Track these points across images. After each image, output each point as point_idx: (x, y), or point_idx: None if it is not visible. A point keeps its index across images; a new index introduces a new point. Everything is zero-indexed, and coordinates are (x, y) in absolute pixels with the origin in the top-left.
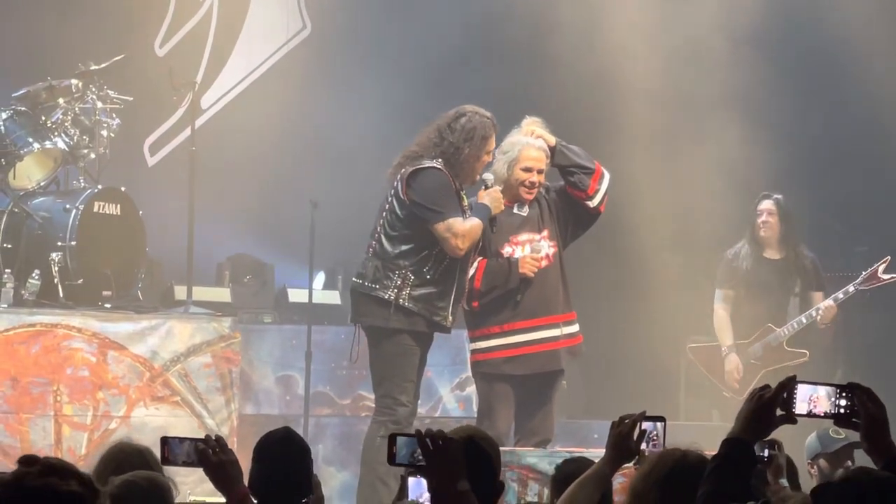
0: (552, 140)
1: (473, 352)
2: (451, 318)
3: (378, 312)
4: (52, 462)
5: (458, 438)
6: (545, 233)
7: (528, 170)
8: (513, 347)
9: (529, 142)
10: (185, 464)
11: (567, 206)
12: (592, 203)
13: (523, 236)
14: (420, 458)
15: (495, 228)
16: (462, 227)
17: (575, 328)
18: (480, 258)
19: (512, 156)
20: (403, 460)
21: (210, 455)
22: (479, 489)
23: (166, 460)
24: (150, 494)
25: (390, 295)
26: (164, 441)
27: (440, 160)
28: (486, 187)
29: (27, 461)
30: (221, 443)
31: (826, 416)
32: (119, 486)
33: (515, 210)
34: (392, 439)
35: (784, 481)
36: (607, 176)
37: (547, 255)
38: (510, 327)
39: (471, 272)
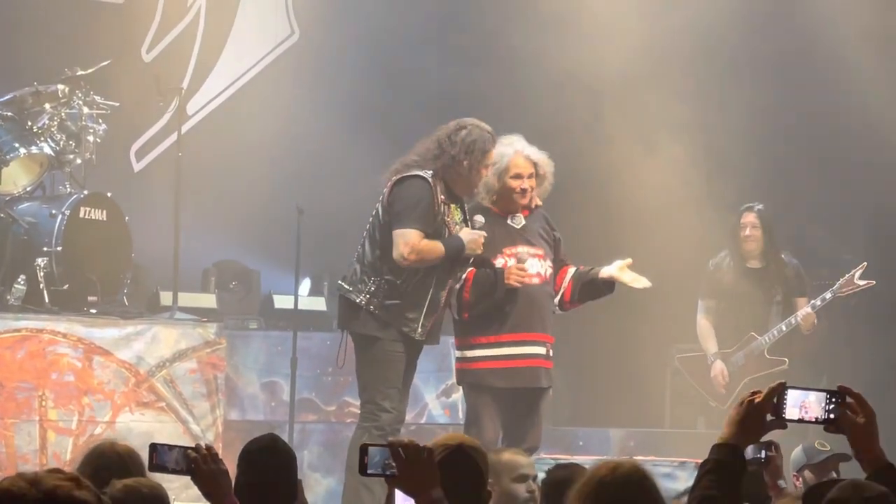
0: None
1: (459, 360)
2: (420, 330)
3: (355, 318)
4: (75, 475)
5: (441, 446)
6: (540, 252)
7: (517, 177)
8: (499, 360)
9: (517, 149)
10: (174, 471)
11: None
12: (561, 310)
13: (518, 248)
14: (392, 467)
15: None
16: (415, 241)
17: (551, 353)
18: (470, 269)
19: (501, 166)
20: (376, 469)
21: (201, 464)
22: (467, 497)
23: (154, 466)
24: (151, 503)
25: (361, 300)
26: (153, 447)
27: (433, 172)
28: (471, 226)
29: (51, 471)
30: (212, 452)
31: (817, 421)
32: (121, 489)
33: (509, 221)
34: (364, 450)
35: (783, 482)
36: None
37: (539, 274)
38: (497, 339)
39: (459, 284)
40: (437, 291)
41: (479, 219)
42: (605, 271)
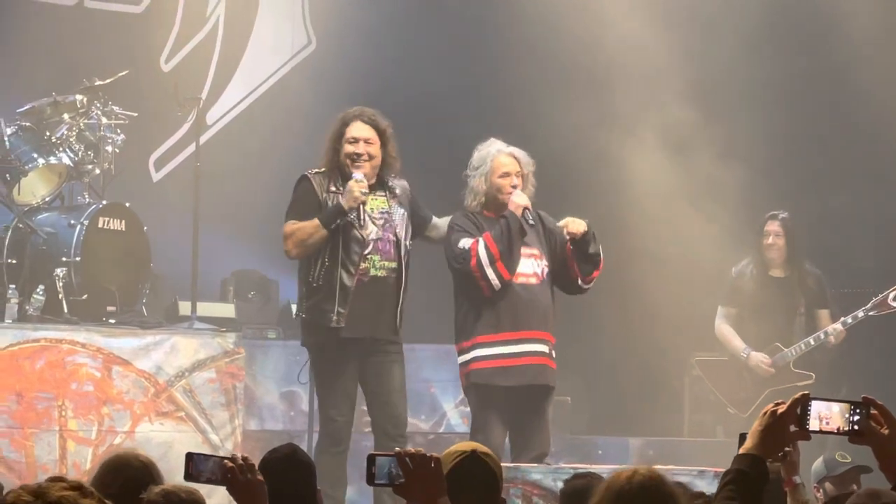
0: (584, 226)
1: (464, 364)
2: (335, 318)
3: (301, 332)
4: (79, 482)
5: (454, 453)
6: (535, 251)
7: (505, 175)
8: (504, 358)
9: (499, 149)
10: (209, 481)
11: (559, 268)
12: (585, 286)
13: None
14: (399, 476)
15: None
16: (286, 230)
17: (554, 354)
18: (472, 240)
19: (485, 169)
20: (383, 479)
21: (237, 475)
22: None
23: (190, 476)
24: None
25: (298, 313)
26: (189, 457)
27: (326, 168)
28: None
29: (53, 479)
30: (248, 463)
31: (839, 432)
32: (159, 494)
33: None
34: (371, 459)
35: (798, 478)
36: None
37: (536, 273)
38: (498, 338)
39: (480, 249)
40: (344, 276)
41: (358, 175)
42: (570, 231)
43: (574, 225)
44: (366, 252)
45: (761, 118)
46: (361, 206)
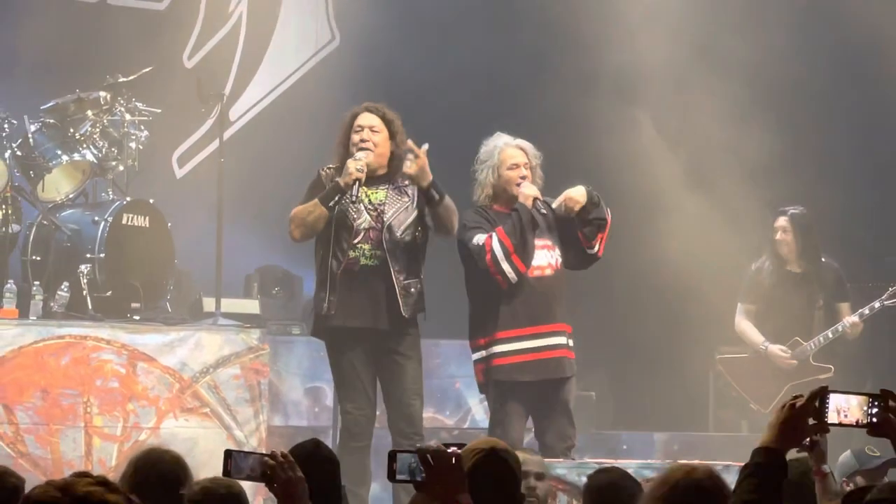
0: (583, 192)
1: (482, 360)
2: (326, 305)
3: None
4: (105, 478)
5: (473, 450)
6: (548, 242)
7: (514, 167)
8: (525, 353)
9: (506, 142)
10: (249, 478)
11: (569, 245)
12: (589, 251)
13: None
14: (420, 472)
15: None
16: (289, 216)
17: (571, 343)
18: (485, 235)
19: (493, 161)
20: (404, 475)
21: (278, 471)
22: (500, 501)
23: (229, 473)
24: (228, 502)
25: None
26: (228, 454)
27: (337, 164)
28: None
29: (79, 474)
30: (289, 459)
31: (858, 424)
32: (198, 491)
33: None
34: (392, 456)
35: (826, 467)
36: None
37: (550, 265)
38: (518, 333)
39: (494, 243)
40: (333, 264)
41: (358, 154)
42: (569, 207)
43: (572, 201)
44: (355, 241)
45: (785, 110)
46: (357, 183)
